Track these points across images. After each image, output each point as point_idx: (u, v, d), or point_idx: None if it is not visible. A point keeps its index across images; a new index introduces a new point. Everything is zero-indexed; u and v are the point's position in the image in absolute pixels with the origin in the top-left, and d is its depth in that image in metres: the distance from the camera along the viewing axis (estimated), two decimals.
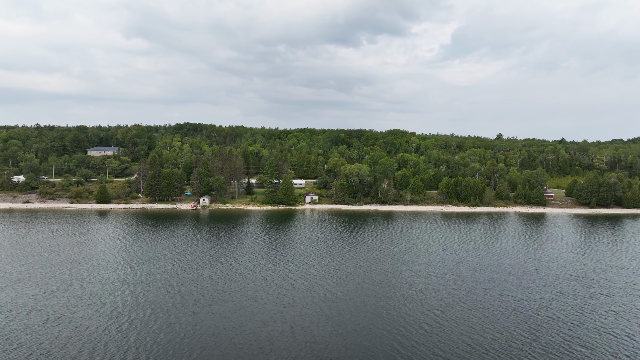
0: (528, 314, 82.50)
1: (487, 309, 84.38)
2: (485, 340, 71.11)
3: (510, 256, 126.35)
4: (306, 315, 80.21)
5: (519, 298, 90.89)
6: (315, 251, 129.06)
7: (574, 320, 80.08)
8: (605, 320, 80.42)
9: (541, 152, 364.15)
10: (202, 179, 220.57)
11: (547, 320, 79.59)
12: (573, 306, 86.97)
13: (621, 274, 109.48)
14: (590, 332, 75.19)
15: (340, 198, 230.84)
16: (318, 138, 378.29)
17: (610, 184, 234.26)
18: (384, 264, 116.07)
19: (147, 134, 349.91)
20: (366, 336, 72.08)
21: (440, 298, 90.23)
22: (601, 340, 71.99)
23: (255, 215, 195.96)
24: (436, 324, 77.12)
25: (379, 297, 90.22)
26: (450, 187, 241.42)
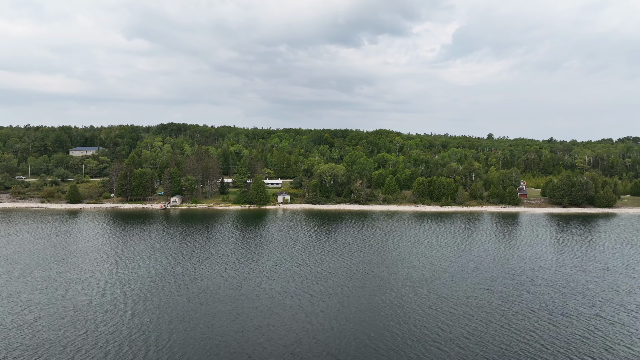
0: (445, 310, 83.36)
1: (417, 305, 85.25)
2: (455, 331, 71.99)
3: (449, 255, 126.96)
4: (263, 317, 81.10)
5: (442, 295, 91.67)
6: (270, 251, 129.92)
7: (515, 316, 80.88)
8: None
9: (524, 152, 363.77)
10: (174, 178, 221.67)
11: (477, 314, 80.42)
12: (499, 302, 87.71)
13: (556, 272, 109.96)
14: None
15: (312, 198, 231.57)
16: (302, 138, 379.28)
17: (582, 184, 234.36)
18: (343, 263, 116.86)
19: (131, 134, 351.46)
20: (337, 335, 72.75)
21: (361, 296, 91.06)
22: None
23: (223, 215, 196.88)
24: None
25: (344, 298, 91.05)
26: (423, 187, 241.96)
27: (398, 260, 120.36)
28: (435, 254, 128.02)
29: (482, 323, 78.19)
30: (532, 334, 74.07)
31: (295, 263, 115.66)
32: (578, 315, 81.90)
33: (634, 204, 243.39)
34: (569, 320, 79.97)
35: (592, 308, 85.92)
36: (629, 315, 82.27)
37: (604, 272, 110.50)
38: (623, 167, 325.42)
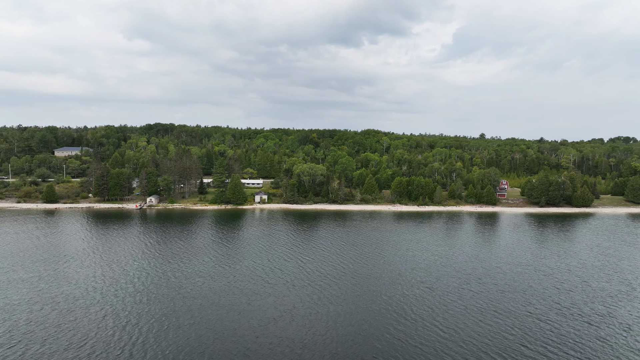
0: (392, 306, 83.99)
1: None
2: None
3: (405, 253, 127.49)
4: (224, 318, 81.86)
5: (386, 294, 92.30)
6: (234, 251, 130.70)
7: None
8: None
9: (510, 152, 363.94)
10: (150, 178, 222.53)
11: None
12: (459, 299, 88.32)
13: (506, 271, 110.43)
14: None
15: (289, 197, 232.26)
16: (289, 138, 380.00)
17: (559, 184, 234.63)
18: (308, 263, 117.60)
19: (117, 135, 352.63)
20: (312, 336, 73.54)
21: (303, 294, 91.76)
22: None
23: (197, 215, 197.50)
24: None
25: (305, 298, 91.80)
26: (402, 187, 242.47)
27: (352, 258, 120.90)
28: (392, 252, 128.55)
29: (408, 321, 78.77)
30: (458, 331, 74.62)
31: (251, 262, 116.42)
32: (508, 313, 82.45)
33: (612, 204, 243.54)
34: (499, 317, 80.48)
35: (527, 306, 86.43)
36: (558, 314, 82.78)
37: (555, 271, 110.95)
38: (607, 167, 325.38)
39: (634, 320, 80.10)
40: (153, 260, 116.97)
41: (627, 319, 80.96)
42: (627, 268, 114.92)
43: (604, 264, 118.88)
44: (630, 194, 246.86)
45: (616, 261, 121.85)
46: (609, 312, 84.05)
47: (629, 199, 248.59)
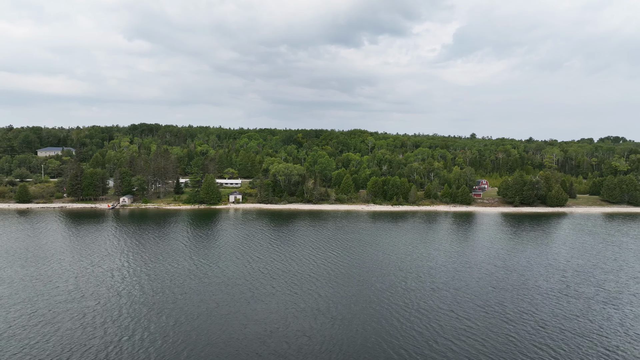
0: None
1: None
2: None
3: (357, 253, 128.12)
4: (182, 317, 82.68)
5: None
6: (185, 251, 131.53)
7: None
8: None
9: (494, 152, 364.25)
10: (124, 178, 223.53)
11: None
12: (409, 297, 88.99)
13: (447, 270, 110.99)
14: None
15: (264, 197, 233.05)
16: (274, 138, 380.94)
17: (532, 183, 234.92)
18: (271, 263, 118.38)
19: (101, 135, 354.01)
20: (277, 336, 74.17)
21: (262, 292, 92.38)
22: None
23: (169, 214, 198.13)
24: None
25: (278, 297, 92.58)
26: (377, 187, 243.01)
27: (296, 256, 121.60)
28: (342, 251, 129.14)
29: (328, 320, 79.44)
30: (378, 330, 75.22)
31: (204, 263, 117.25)
32: (430, 310, 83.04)
33: (587, 203, 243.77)
34: (420, 314, 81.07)
35: (451, 304, 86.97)
36: (476, 311, 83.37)
37: (499, 270, 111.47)
38: (589, 167, 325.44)
39: (552, 318, 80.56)
40: (106, 260, 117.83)
41: (545, 316, 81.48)
42: (571, 267, 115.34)
43: (551, 263, 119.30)
44: (606, 193, 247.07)
45: (563, 260, 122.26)
46: (532, 310, 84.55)
47: (604, 198, 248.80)
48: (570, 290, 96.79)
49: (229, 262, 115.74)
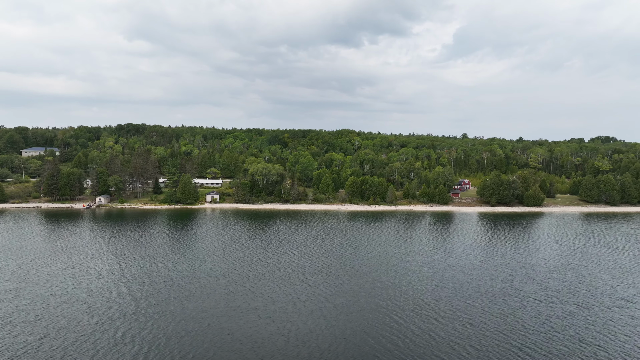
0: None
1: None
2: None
3: (315, 252, 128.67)
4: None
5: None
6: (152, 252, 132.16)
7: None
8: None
9: (479, 151, 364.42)
10: (101, 178, 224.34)
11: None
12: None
13: (393, 268, 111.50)
14: None
15: (241, 197, 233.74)
16: (260, 138, 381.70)
17: (509, 183, 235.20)
18: (229, 262, 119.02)
19: (87, 135, 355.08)
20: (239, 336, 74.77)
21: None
22: None
23: (144, 214, 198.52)
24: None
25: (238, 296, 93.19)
26: (355, 186, 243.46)
27: (258, 258, 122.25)
28: (302, 251, 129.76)
29: (263, 318, 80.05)
30: (307, 328, 75.84)
31: (167, 261, 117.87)
32: (367, 308, 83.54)
33: (565, 203, 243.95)
34: (347, 311, 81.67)
35: (385, 301, 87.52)
36: (413, 310, 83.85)
37: (448, 269, 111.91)
38: (572, 167, 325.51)
39: (479, 316, 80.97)
40: (64, 258, 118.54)
41: (474, 314, 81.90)
42: (521, 266, 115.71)
43: (504, 263, 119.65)
44: (584, 193, 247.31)
45: (515, 260, 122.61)
46: (465, 308, 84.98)
47: (582, 198, 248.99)
48: (511, 288, 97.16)
49: (187, 262, 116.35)
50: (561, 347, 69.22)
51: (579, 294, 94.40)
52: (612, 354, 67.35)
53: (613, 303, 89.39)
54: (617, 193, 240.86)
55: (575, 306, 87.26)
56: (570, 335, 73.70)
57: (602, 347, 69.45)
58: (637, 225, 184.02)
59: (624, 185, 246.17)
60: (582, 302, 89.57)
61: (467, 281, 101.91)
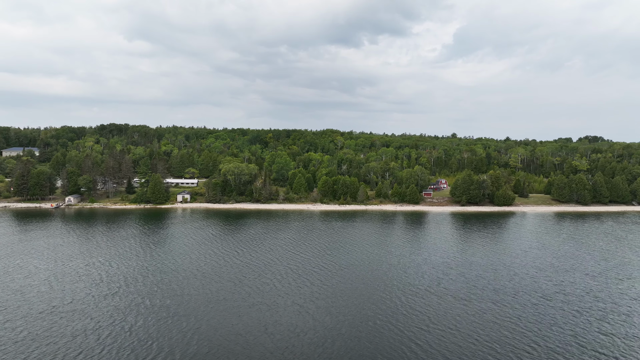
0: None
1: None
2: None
3: (253, 251, 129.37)
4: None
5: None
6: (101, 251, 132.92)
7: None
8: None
9: (459, 151, 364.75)
10: (71, 178, 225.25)
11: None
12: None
13: (327, 267, 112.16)
14: None
15: (212, 196, 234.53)
16: (243, 138, 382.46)
17: (479, 182, 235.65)
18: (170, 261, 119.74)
19: (69, 135, 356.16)
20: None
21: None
22: None
23: (113, 214, 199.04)
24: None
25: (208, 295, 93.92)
26: (327, 186, 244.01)
27: (194, 254, 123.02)
28: (244, 250, 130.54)
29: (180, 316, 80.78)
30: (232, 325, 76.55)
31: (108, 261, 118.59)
32: (293, 307, 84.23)
33: (536, 203, 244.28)
34: (270, 309, 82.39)
35: (300, 299, 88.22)
36: (320, 308, 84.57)
37: (391, 268, 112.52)
38: (552, 166, 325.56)
39: (391, 315, 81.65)
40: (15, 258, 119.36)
41: (392, 311, 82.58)
42: (463, 265, 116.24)
43: (446, 261, 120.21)
44: (556, 192, 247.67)
45: (461, 259, 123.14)
46: (382, 305, 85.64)
47: (554, 197, 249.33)
48: (438, 287, 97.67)
49: (141, 265, 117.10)
50: (458, 345, 69.81)
51: (500, 291, 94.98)
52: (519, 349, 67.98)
53: (533, 300, 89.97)
54: (588, 193, 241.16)
55: (490, 303, 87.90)
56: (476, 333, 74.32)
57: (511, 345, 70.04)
58: (588, 224, 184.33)
59: (596, 185, 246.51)
60: (502, 299, 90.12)
61: (401, 279, 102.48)
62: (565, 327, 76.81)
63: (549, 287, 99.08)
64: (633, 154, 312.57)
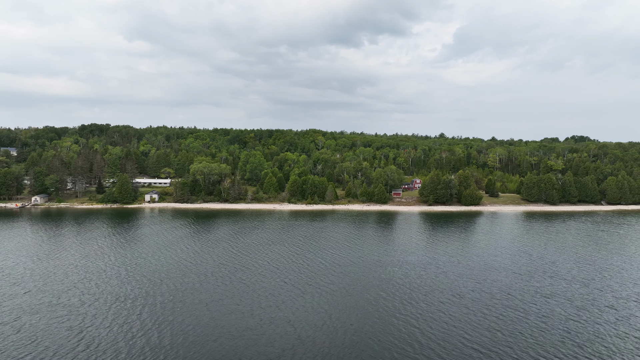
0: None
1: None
2: None
3: (202, 250, 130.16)
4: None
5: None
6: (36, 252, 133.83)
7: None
8: None
9: (438, 151, 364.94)
10: (38, 177, 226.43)
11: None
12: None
13: (270, 264, 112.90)
14: None
15: (179, 196, 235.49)
16: (223, 138, 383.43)
17: (446, 182, 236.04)
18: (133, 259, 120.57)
19: (49, 135, 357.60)
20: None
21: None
22: None
23: (78, 214, 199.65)
24: None
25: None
26: (296, 186, 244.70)
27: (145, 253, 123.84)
28: (187, 250, 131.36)
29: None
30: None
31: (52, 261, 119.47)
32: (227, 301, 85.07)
33: (504, 202, 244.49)
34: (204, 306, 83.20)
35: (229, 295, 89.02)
36: (261, 309, 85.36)
37: (330, 266, 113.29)
38: (529, 166, 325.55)
39: (335, 311, 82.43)
40: None
41: (326, 309, 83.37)
42: (399, 264, 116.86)
43: (380, 259, 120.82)
44: (525, 192, 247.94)
45: (401, 257, 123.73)
46: (321, 303, 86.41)
47: (523, 197, 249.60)
48: (349, 289, 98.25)
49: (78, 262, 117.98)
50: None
51: (421, 290, 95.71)
52: None
53: (447, 298, 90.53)
54: (556, 192, 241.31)
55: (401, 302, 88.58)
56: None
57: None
58: (538, 224, 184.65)
59: (565, 184, 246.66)
60: (414, 297, 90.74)
61: (341, 277, 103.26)
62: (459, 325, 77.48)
63: (467, 285, 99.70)
64: (608, 153, 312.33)
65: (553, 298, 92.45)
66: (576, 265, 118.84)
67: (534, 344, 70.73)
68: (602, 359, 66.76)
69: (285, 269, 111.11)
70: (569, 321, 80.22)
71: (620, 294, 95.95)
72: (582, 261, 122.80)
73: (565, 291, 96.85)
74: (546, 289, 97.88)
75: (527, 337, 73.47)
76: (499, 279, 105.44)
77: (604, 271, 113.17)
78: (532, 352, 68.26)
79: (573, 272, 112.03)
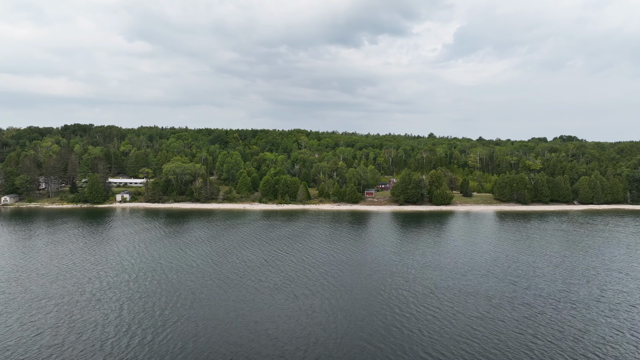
0: None
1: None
2: None
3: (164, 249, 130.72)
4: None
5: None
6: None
7: None
8: None
9: (419, 151, 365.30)
10: (8, 177, 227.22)
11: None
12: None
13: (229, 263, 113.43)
14: None
15: (151, 196, 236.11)
16: (205, 138, 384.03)
17: (416, 182, 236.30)
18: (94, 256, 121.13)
19: (31, 135, 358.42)
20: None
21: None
22: None
23: (48, 213, 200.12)
24: None
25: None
26: (269, 186, 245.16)
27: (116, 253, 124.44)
28: (153, 250, 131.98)
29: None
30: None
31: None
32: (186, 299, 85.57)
33: (476, 202, 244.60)
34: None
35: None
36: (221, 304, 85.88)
37: (293, 265, 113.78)
38: (508, 166, 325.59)
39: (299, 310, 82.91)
40: None
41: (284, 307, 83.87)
42: (359, 262, 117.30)
43: (344, 259, 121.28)
44: (497, 192, 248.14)
45: (360, 257, 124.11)
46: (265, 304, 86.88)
47: (496, 197, 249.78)
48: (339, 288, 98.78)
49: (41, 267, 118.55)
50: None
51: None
52: None
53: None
54: (528, 192, 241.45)
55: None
56: None
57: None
58: (498, 224, 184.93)
59: (537, 184, 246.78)
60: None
61: (309, 276, 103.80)
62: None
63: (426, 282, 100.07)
64: (585, 153, 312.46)
65: (475, 296, 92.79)
66: (513, 263, 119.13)
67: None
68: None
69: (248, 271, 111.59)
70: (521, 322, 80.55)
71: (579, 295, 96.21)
72: (524, 258, 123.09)
73: (487, 289, 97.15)
74: (470, 287, 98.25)
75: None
76: (432, 277, 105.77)
77: (535, 269, 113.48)
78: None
79: (509, 270, 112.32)
